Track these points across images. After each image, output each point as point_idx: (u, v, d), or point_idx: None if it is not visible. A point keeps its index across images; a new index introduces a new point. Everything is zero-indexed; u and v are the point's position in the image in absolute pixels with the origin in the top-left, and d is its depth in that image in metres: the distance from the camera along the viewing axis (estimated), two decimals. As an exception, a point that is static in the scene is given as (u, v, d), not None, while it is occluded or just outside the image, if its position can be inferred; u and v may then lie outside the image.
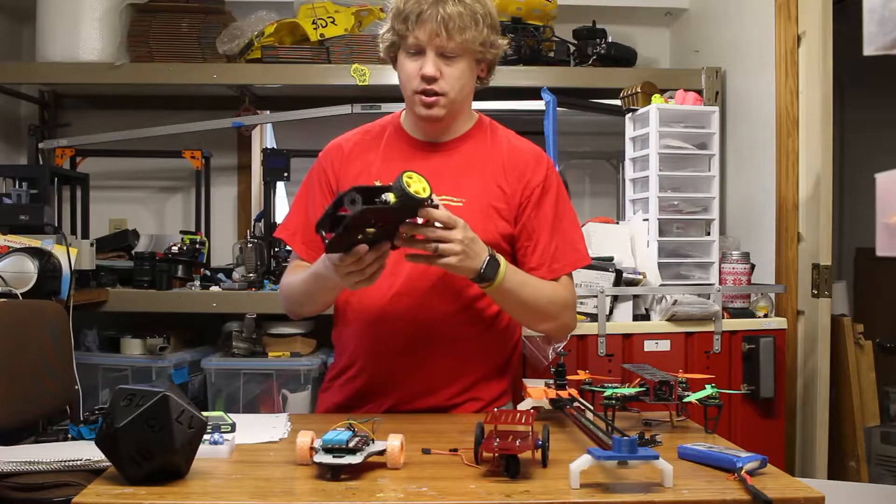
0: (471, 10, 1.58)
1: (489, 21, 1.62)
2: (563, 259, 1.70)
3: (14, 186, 2.97)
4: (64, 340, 2.43)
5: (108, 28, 3.35)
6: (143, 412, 1.14)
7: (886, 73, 3.37)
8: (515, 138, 1.77)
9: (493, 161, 1.70)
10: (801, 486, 1.20)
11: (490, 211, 1.66)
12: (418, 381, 1.68)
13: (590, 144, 3.90)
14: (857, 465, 2.68)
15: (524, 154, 1.72)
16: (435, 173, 1.62)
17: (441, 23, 1.56)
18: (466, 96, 1.68)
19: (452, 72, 1.61)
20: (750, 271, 2.64)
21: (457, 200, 1.65)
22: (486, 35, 1.62)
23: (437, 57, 1.60)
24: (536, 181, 1.69)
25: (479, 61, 1.65)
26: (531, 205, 1.68)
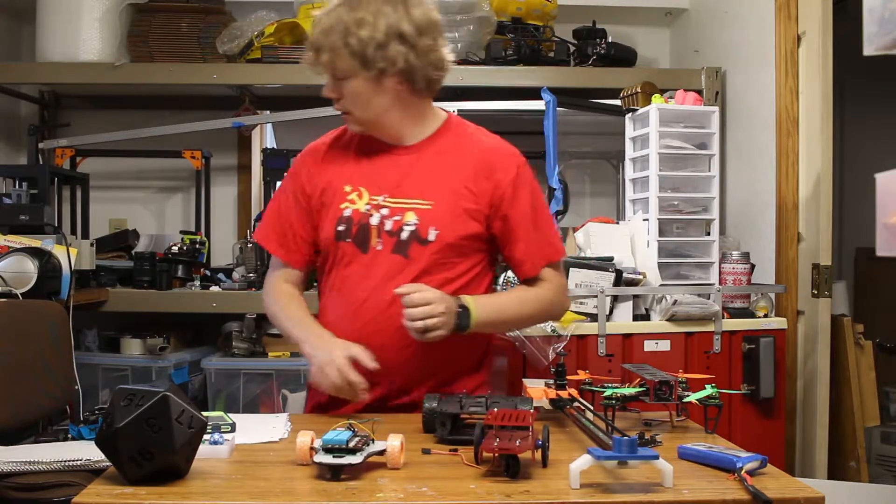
0: (343, 34, 1.57)
1: (371, 40, 1.57)
2: (542, 254, 1.72)
3: (14, 186, 2.97)
4: (64, 340, 2.43)
5: (108, 28, 3.35)
6: (143, 412, 1.14)
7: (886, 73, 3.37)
8: (486, 136, 1.76)
9: (462, 161, 1.69)
10: (801, 486, 1.20)
11: (460, 212, 1.66)
12: (394, 381, 1.69)
13: (590, 144, 3.90)
14: (857, 465, 2.68)
15: (493, 153, 1.71)
16: (403, 176, 1.67)
17: (314, 47, 1.61)
18: (384, 111, 1.65)
19: (347, 91, 1.63)
20: (750, 271, 2.64)
21: (426, 203, 1.66)
22: (370, 54, 1.57)
23: (332, 79, 1.63)
24: (507, 180, 1.68)
25: (382, 73, 1.60)
26: (506, 203, 1.68)
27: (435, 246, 1.63)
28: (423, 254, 1.63)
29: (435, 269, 1.64)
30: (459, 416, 1.42)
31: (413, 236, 1.64)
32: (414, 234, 1.64)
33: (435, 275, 1.64)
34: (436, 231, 1.64)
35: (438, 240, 1.63)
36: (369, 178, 1.69)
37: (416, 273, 1.63)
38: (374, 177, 1.69)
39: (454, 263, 1.66)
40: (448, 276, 1.66)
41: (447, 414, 1.42)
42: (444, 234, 1.64)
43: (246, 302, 3.10)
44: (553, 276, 1.73)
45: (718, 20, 3.38)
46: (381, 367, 1.62)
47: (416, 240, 1.64)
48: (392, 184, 1.68)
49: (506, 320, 1.71)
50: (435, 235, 1.63)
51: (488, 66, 3.37)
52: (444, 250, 1.64)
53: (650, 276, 2.53)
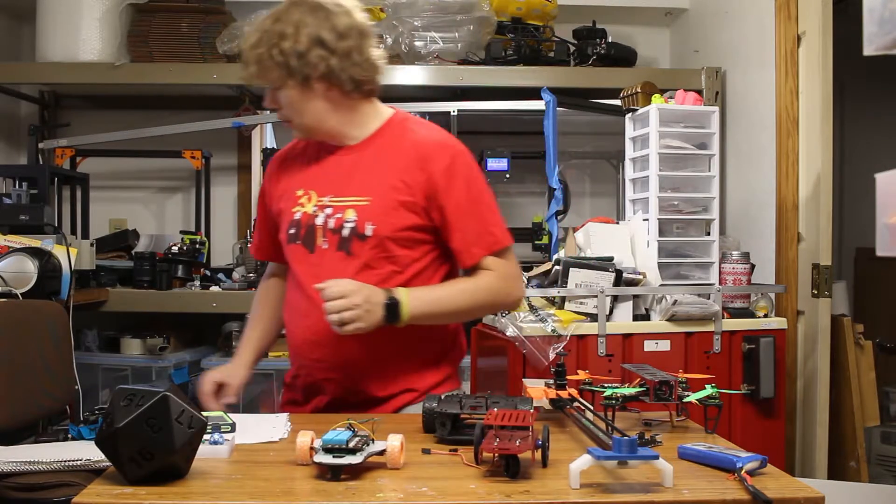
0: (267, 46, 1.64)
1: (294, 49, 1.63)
2: (482, 243, 1.72)
3: (14, 186, 2.97)
4: (64, 340, 2.43)
5: (108, 28, 3.35)
6: (143, 412, 1.14)
7: (886, 73, 3.38)
8: (425, 129, 1.79)
9: (399, 156, 1.73)
10: (801, 486, 1.20)
11: (395, 205, 1.69)
12: (347, 382, 1.73)
13: (590, 144, 3.90)
14: (857, 465, 2.68)
15: (427, 145, 1.73)
16: (344, 176, 1.73)
17: (244, 63, 1.70)
18: (320, 116, 1.71)
19: (282, 100, 1.70)
20: (750, 271, 2.64)
21: (364, 199, 1.70)
22: (293, 64, 1.64)
23: (270, 90, 1.71)
24: (440, 169, 1.70)
25: (307, 79, 1.66)
26: (440, 193, 1.70)
27: (373, 240, 1.68)
28: (363, 249, 1.68)
29: (378, 263, 1.69)
30: (459, 416, 1.43)
31: (353, 233, 1.69)
32: (353, 231, 1.69)
33: (379, 268, 1.68)
34: (372, 226, 1.68)
35: (375, 234, 1.68)
36: (318, 180, 1.77)
37: (358, 268, 1.67)
38: (321, 179, 1.76)
39: (398, 256, 1.69)
40: (394, 269, 1.70)
41: (447, 414, 1.42)
42: (379, 228, 1.68)
43: (246, 302, 3.06)
44: (498, 265, 1.73)
45: (718, 20, 3.38)
46: (333, 361, 1.70)
47: (355, 236, 1.69)
48: (336, 184, 1.74)
49: (443, 312, 1.70)
50: (371, 230, 1.68)
51: (488, 66, 3.37)
52: (384, 243, 1.68)
53: (650, 276, 2.53)
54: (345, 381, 1.73)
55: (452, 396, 1.47)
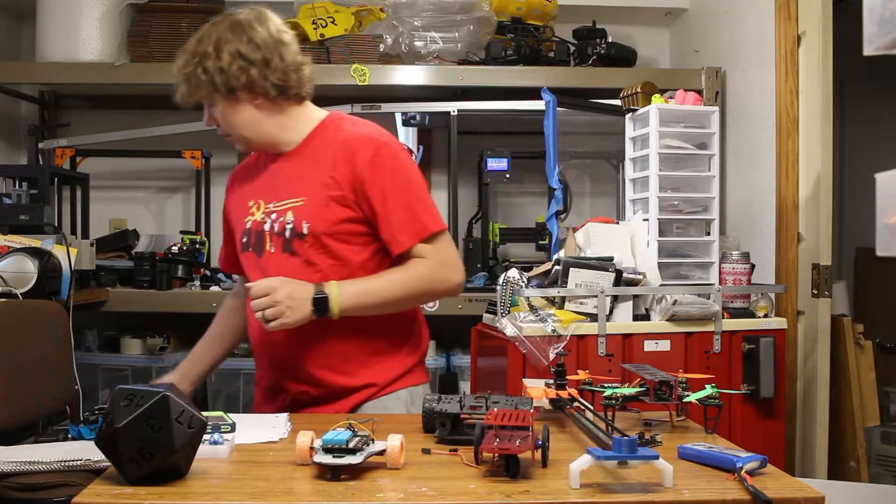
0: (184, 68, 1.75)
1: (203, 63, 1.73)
2: (409, 231, 1.74)
3: (14, 186, 2.97)
4: (64, 340, 2.43)
5: (108, 28, 3.35)
6: (143, 412, 1.14)
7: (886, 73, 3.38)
8: (354, 126, 1.83)
9: (328, 153, 1.77)
10: (801, 486, 1.20)
11: (327, 201, 1.73)
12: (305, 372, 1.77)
13: (590, 144, 3.90)
14: (857, 465, 2.68)
15: (353, 139, 1.77)
16: (282, 181, 1.80)
17: (177, 84, 1.79)
18: (254, 126, 1.78)
19: (222, 117, 1.79)
20: (750, 271, 2.64)
21: (299, 200, 1.76)
22: (213, 76, 1.73)
23: (206, 107, 1.80)
24: (363, 161, 1.73)
25: (235, 94, 1.75)
26: (366, 185, 1.73)
27: (310, 238, 1.73)
28: (303, 247, 1.74)
29: (319, 260, 1.73)
30: (459, 416, 1.43)
31: (293, 233, 1.75)
32: (293, 231, 1.75)
33: (320, 265, 1.73)
34: (307, 223, 1.73)
35: (311, 231, 1.73)
36: (264, 189, 1.83)
37: (301, 266, 1.73)
38: (267, 187, 1.83)
39: (337, 251, 1.73)
40: (334, 264, 1.74)
41: (447, 414, 1.42)
42: (314, 224, 1.73)
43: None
44: (430, 252, 1.74)
45: (718, 20, 3.38)
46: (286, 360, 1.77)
47: (295, 236, 1.74)
48: (278, 190, 1.80)
49: (375, 303, 1.72)
50: (307, 228, 1.73)
51: (488, 66, 3.37)
52: (321, 239, 1.73)
53: (650, 276, 2.53)
54: (304, 377, 1.77)
55: (452, 396, 1.47)
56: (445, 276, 1.77)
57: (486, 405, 1.42)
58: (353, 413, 1.75)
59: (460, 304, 3.09)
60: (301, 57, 1.80)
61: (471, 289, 3.23)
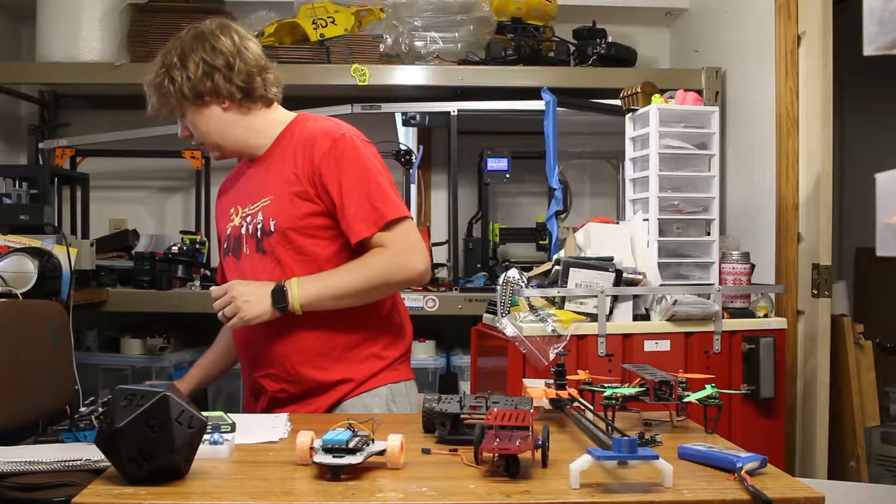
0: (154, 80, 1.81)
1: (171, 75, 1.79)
2: (366, 219, 1.74)
3: (14, 186, 2.96)
4: (64, 340, 2.43)
5: (108, 28, 3.35)
6: (143, 412, 1.14)
7: (886, 73, 3.37)
8: (316, 122, 1.86)
9: (291, 151, 1.81)
10: (801, 486, 1.20)
11: (290, 197, 1.77)
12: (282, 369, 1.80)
13: (590, 144, 3.90)
14: (857, 465, 2.68)
15: (312, 134, 1.81)
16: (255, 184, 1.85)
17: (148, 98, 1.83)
18: (227, 132, 1.84)
19: (193, 125, 1.83)
20: (750, 271, 2.64)
21: (267, 199, 1.80)
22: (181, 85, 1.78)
23: (181, 119, 1.84)
24: (320, 154, 1.76)
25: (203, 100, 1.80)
26: (324, 177, 1.76)
27: (276, 234, 1.77)
28: (272, 244, 1.77)
29: (287, 256, 1.76)
30: (459, 416, 1.43)
31: (262, 231, 1.79)
32: (262, 230, 1.79)
33: (290, 261, 1.76)
34: (273, 220, 1.77)
35: (277, 228, 1.77)
36: (241, 196, 1.89)
37: (273, 264, 1.77)
38: (243, 193, 1.88)
39: (303, 246, 1.76)
40: (303, 259, 1.77)
41: (447, 414, 1.42)
42: (279, 221, 1.77)
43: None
44: (390, 240, 1.75)
45: (718, 20, 3.38)
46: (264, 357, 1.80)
47: (265, 234, 1.78)
48: (251, 194, 1.85)
49: (336, 295, 1.73)
50: (273, 225, 1.77)
51: (488, 66, 3.37)
52: (287, 235, 1.76)
53: (650, 276, 2.53)
54: (280, 374, 1.80)
55: (452, 396, 1.47)
56: (408, 263, 1.76)
57: (486, 405, 1.42)
58: (332, 412, 1.77)
59: (460, 304, 3.09)
60: (265, 61, 1.86)
61: (471, 289, 3.23)
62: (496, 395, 1.47)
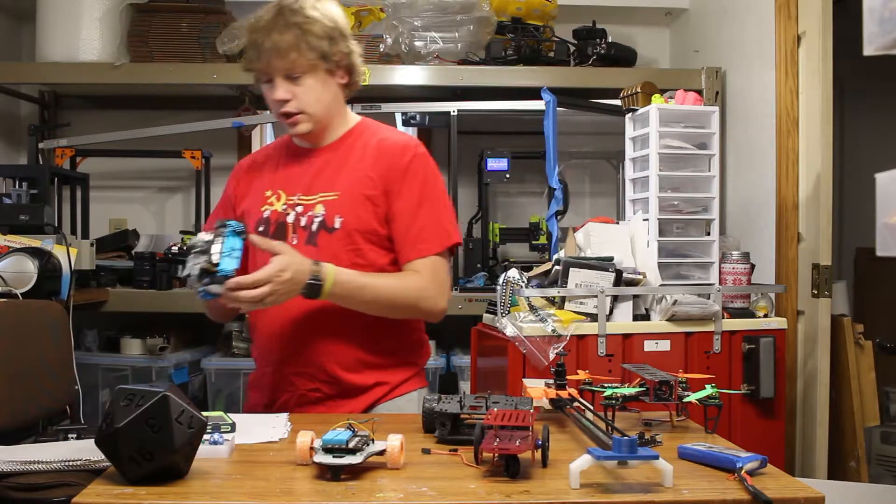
0: (302, 31, 1.70)
1: (327, 33, 1.72)
2: (428, 240, 1.75)
3: (14, 186, 2.97)
4: (64, 340, 2.42)
5: (108, 28, 3.35)
6: (143, 412, 1.14)
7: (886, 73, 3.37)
8: (391, 132, 1.86)
9: (365, 155, 1.79)
10: (801, 486, 1.20)
11: (362, 199, 1.74)
12: (316, 370, 1.75)
13: (590, 144, 3.90)
14: (857, 465, 2.68)
15: (391, 144, 1.81)
16: (314, 175, 1.79)
17: (273, 50, 1.70)
18: (329, 105, 1.79)
19: (302, 90, 1.73)
20: (750, 271, 2.64)
21: (332, 194, 1.76)
22: (326, 48, 1.72)
23: (284, 80, 1.73)
24: (400, 165, 1.76)
25: (331, 71, 1.76)
26: (395, 189, 1.75)
27: (340, 233, 1.73)
28: (330, 241, 1.72)
29: (346, 256, 1.72)
30: (459, 416, 1.43)
31: (321, 226, 1.74)
32: (322, 224, 1.74)
33: (346, 262, 1.72)
34: (340, 218, 1.73)
35: (343, 227, 1.73)
36: (286, 181, 1.82)
37: (325, 260, 1.69)
38: (290, 180, 1.82)
39: (364, 250, 1.74)
40: (359, 263, 1.73)
41: (447, 414, 1.42)
42: (348, 220, 1.73)
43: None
44: (428, 269, 1.75)
45: (718, 20, 3.38)
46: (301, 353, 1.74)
47: (323, 229, 1.73)
48: (305, 183, 1.79)
49: (363, 299, 1.70)
50: (340, 223, 1.73)
51: (488, 66, 3.37)
52: (351, 236, 1.73)
53: (650, 276, 2.53)
54: (316, 374, 1.75)
55: (452, 396, 1.47)
56: (438, 297, 1.78)
57: (486, 405, 1.42)
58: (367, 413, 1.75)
59: (460, 304, 3.09)
60: None
61: (471, 289, 3.23)
62: (496, 395, 1.47)
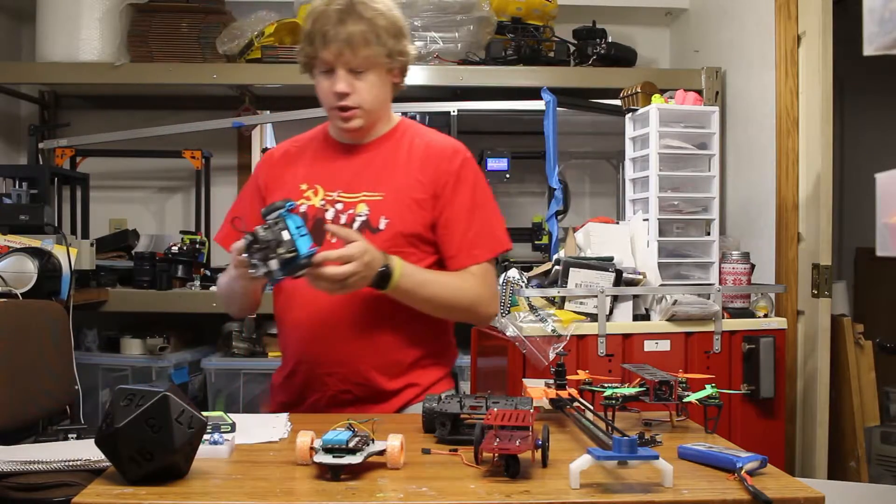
0: (372, 26, 1.67)
1: (393, 31, 1.71)
2: (482, 245, 1.74)
3: (14, 186, 2.97)
4: (64, 340, 2.43)
5: (108, 28, 3.35)
6: (143, 412, 1.14)
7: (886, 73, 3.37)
8: (435, 135, 1.84)
9: (412, 157, 1.76)
10: (801, 486, 1.20)
11: (410, 203, 1.72)
12: (352, 370, 1.72)
13: (590, 144, 3.90)
14: (857, 465, 2.68)
15: (440, 147, 1.78)
16: (356, 173, 1.74)
17: (345, 42, 1.65)
18: (382, 103, 1.77)
19: (363, 85, 1.70)
20: (750, 271, 2.64)
21: (377, 195, 1.72)
22: (392, 46, 1.70)
23: (346, 73, 1.68)
24: (451, 170, 1.74)
25: (389, 70, 1.74)
26: (446, 194, 1.73)
27: (386, 234, 1.69)
28: (373, 242, 1.66)
29: None
30: (459, 416, 1.43)
31: (364, 226, 1.70)
32: (365, 224, 1.70)
33: None
34: (386, 220, 1.70)
35: (389, 228, 1.69)
36: (325, 176, 1.77)
37: None
38: (329, 175, 1.77)
39: (406, 254, 1.70)
40: None
41: (447, 414, 1.42)
42: (394, 222, 1.69)
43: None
44: (481, 274, 1.75)
45: (718, 20, 3.38)
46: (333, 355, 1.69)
47: (367, 229, 1.69)
48: (346, 180, 1.75)
49: (424, 297, 1.68)
50: (385, 224, 1.69)
51: (488, 66, 3.37)
52: (396, 239, 1.69)
53: (650, 276, 2.53)
54: (349, 374, 1.71)
55: (452, 396, 1.47)
56: (491, 303, 1.79)
57: (486, 405, 1.42)
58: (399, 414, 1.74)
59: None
60: None
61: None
62: (496, 395, 1.47)
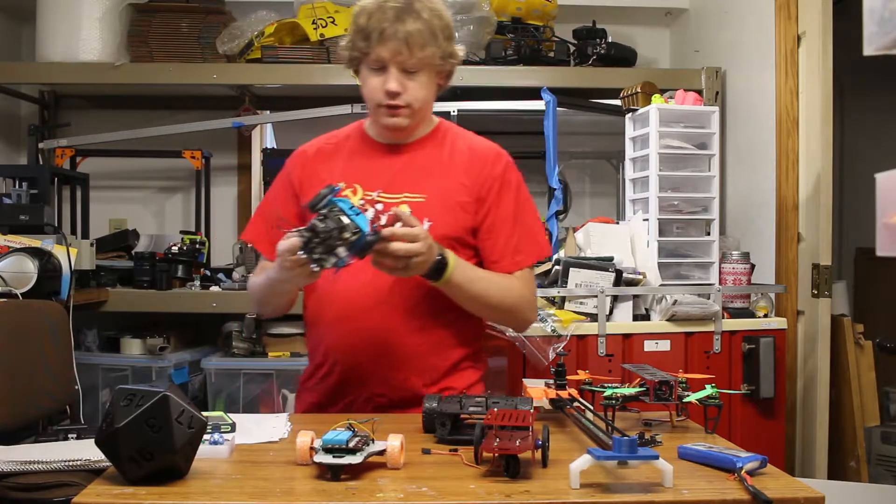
0: (429, 27, 1.64)
1: (447, 33, 1.69)
2: (526, 251, 1.74)
3: (14, 186, 2.97)
4: (64, 340, 2.43)
5: (108, 28, 3.35)
6: (143, 412, 1.14)
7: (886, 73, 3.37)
8: (475, 139, 1.83)
9: (454, 160, 1.75)
10: (801, 486, 1.20)
11: (454, 205, 1.70)
12: (390, 372, 1.70)
13: (590, 144, 3.90)
14: (857, 465, 2.68)
15: (483, 151, 1.78)
16: (397, 173, 1.72)
17: (402, 41, 1.62)
18: (428, 104, 1.75)
19: (414, 85, 1.67)
20: (750, 271, 2.64)
21: (419, 196, 1.70)
22: (445, 48, 1.69)
23: (399, 72, 1.66)
24: (495, 174, 1.74)
25: (439, 72, 1.73)
26: (490, 198, 1.73)
27: None
28: None
29: None
30: (459, 416, 1.43)
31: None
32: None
33: None
34: (429, 222, 1.67)
35: (431, 230, 1.65)
36: (364, 175, 1.74)
37: None
38: (368, 174, 1.74)
39: None
40: None
41: (447, 414, 1.42)
42: (437, 225, 1.67)
43: (246, 302, 3.08)
44: (524, 281, 1.75)
45: (718, 20, 3.38)
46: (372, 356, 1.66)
47: None
48: (387, 180, 1.72)
49: (475, 292, 1.67)
50: (428, 226, 1.66)
51: (488, 66, 3.37)
52: (438, 241, 1.65)
53: (650, 276, 2.53)
54: (388, 377, 1.69)
55: (452, 397, 1.47)
56: (532, 308, 1.79)
57: (486, 405, 1.42)
58: None
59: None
60: None
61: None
62: (496, 395, 1.47)
